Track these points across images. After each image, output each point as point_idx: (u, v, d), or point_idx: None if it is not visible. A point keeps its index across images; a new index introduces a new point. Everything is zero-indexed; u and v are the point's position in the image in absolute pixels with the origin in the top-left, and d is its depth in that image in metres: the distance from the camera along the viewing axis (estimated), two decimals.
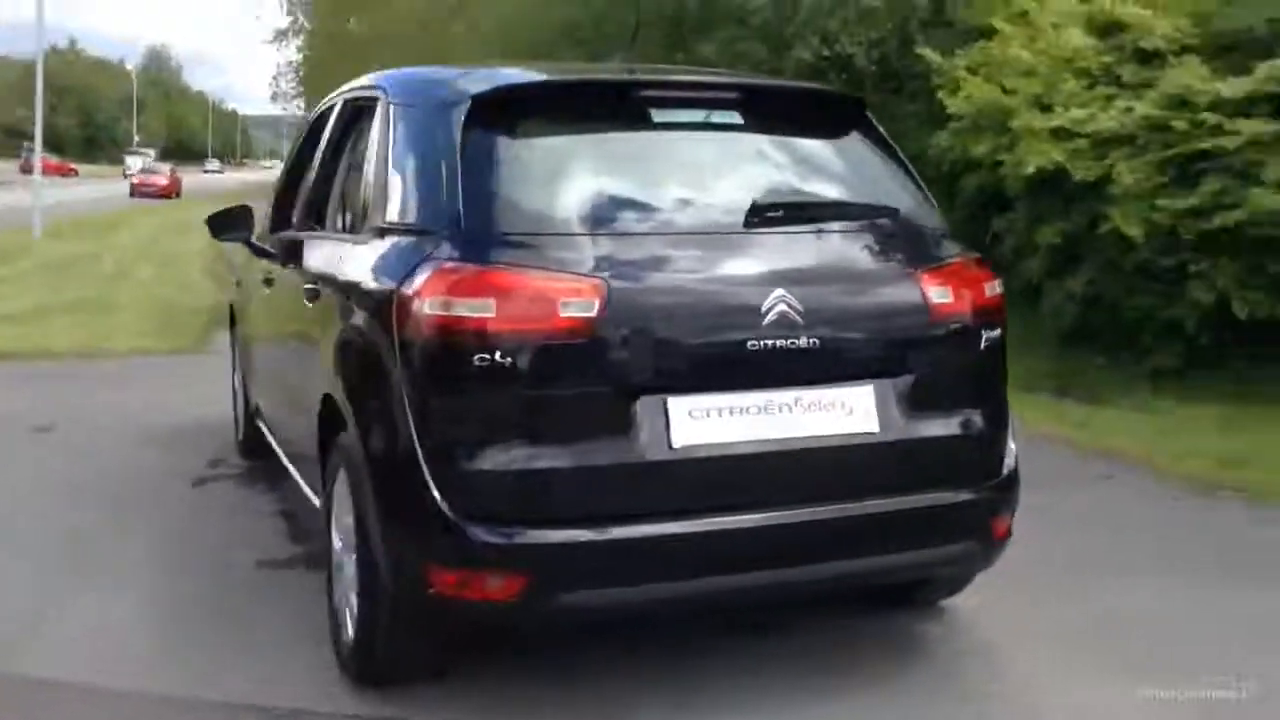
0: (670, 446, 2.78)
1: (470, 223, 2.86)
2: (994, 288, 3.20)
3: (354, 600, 3.12)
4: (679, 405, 2.80)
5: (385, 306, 2.91)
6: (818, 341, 2.88)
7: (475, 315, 2.73)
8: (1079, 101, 7.76)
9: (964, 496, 3.05)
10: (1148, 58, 7.88)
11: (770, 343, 2.85)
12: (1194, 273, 6.67)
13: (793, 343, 2.86)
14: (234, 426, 5.90)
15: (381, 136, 3.41)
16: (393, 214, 3.19)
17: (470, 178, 2.93)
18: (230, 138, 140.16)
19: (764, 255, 2.98)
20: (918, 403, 3.00)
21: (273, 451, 5.04)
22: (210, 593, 3.93)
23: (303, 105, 42.46)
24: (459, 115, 3.04)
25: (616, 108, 3.15)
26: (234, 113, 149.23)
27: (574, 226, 2.90)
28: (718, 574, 2.85)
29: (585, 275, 2.78)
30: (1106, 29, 8.64)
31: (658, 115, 3.15)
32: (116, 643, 3.53)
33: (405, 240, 3.06)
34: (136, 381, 7.86)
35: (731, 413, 2.84)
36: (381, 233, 3.20)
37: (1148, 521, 4.85)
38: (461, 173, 2.94)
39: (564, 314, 2.74)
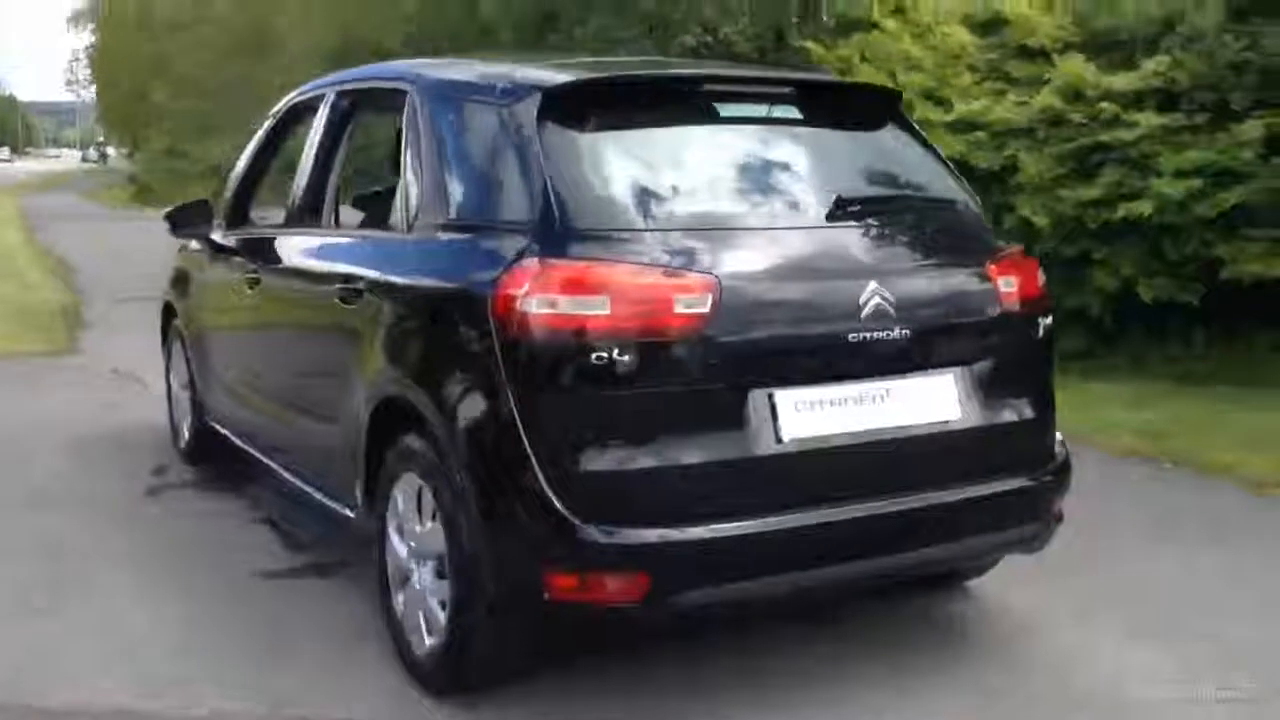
0: (779, 440, 2.81)
1: (564, 218, 2.82)
2: (1042, 277, 3.34)
3: (437, 609, 3.04)
4: (786, 399, 2.83)
5: (476, 306, 2.84)
6: (907, 332, 2.96)
7: (589, 313, 2.70)
8: (973, 95, 8.09)
9: (1032, 480, 3.18)
10: (1032, 54, 8.28)
11: (867, 334, 2.91)
12: (1098, 260, 7.07)
13: (886, 334, 2.93)
14: (172, 433, 5.62)
15: (425, 130, 3.32)
16: (458, 211, 3.12)
17: (555, 172, 2.89)
18: (9, 124, 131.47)
19: (854, 248, 3.04)
20: (989, 390, 3.11)
21: (231, 457, 4.90)
22: (221, 608, 3.75)
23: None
24: (530, 109, 2.99)
25: (683, 103, 3.15)
26: (12, 99, 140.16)
27: (666, 222, 2.89)
28: (827, 565, 2.90)
29: (697, 271, 2.78)
30: (986, 25, 9.08)
31: (724, 110, 3.16)
32: (143, 664, 3.34)
33: (484, 237, 2.99)
34: (12, 387, 7.38)
35: (833, 404, 2.89)
36: (444, 230, 3.12)
37: (1101, 491, 5.13)
38: (546, 167, 2.89)
39: (678, 310, 2.73)
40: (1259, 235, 6.48)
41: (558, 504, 2.71)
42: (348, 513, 3.62)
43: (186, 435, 5.40)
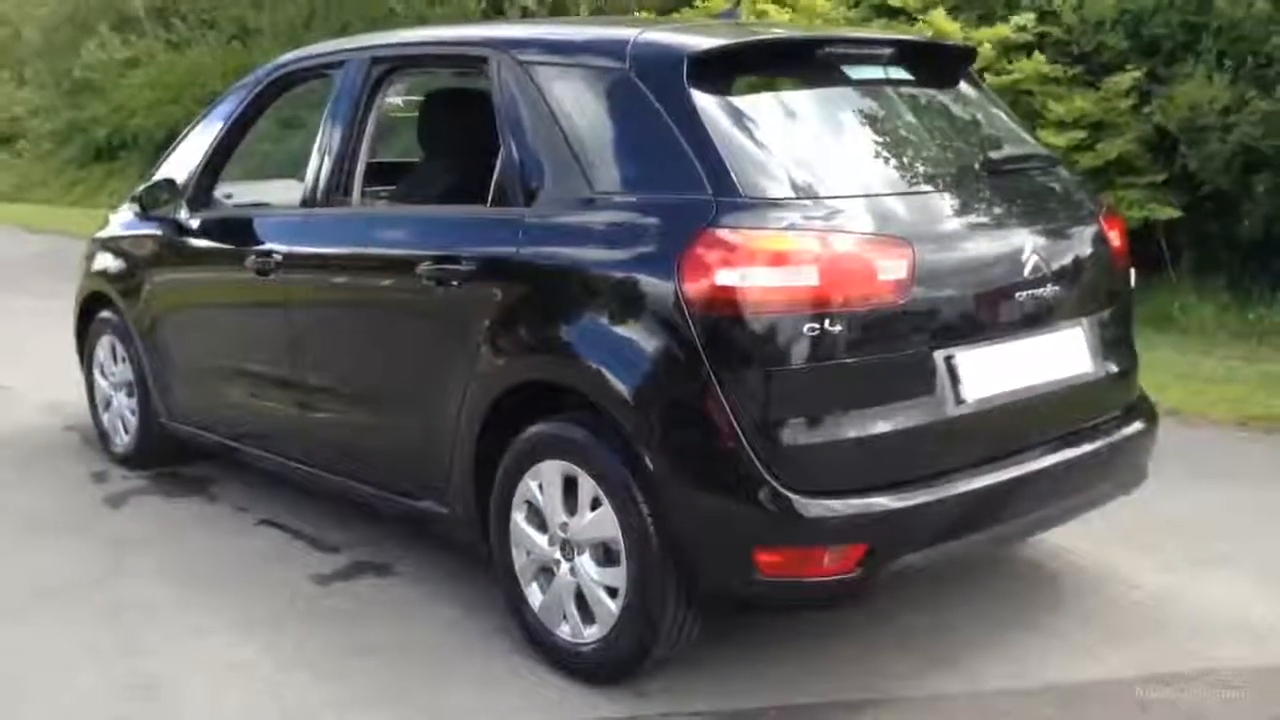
0: (961, 400, 2.84)
1: (744, 186, 2.74)
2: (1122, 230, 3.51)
3: (603, 599, 2.92)
4: (965, 359, 2.87)
5: (657, 280, 2.74)
6: (1056, 288, 3.06)
7: (797, 284, 2.64)
8: None
9: (1141, 426, 3.34)
10: (894, 13, 8.58)
11: (1028, 291, 2.98)
12: None
13: (1041, 290, 3.01)
14: (101, 438, 5.11)
15: (531, 99, 3.15)
16: (603, 183, 2.97)
17: (722, 139, 2.81)
18: None
19: (1006, 206, 3.10)
20: (1104, 341, 3.24)
21: (179, 458, 4.68)
22: (298, 620, 3.46)
23: None
24: (678, 75, 2.89)
25: (816, 66, 3.11)
26: None
27: (840, 187, 2.85)
28: (1017, 517, 2.97)
29: (894, 236, 2.76)
30: None
31: (852, 72, 3.15)
32: (265, 691, 3.06)
33: (649, 209, 2.86)
34: None
35: (1002, 362, 2.95)
36: (589, 204, 2.97)
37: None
38: (713, 134, 2.81)
39: (882, 277, 2.71)
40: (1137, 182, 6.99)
41: (772, 480, 2.65)
42: (438, 508, 3.41)
43: (126, 438, 4.92)
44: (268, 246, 3.90)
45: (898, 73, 3.26)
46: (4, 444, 5.34)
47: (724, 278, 2.65)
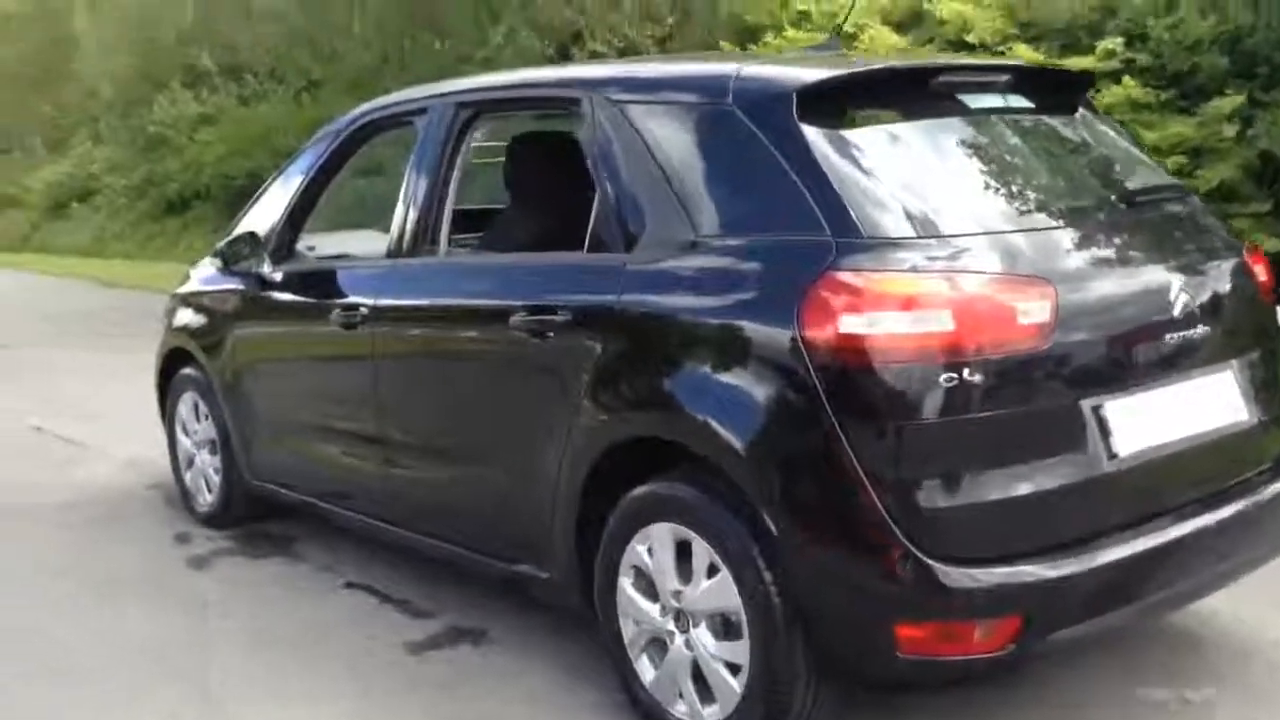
0: (1113, 455, 2.60)
1: (865, 226, 2.55)
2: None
3: (723, 675, 2.71)
4: (1115, 409, 2.63)
5: (775, 328, 2.55)
6: (1205, 327, 2.81)
7: (932, 330, 2.44)
8: None
9: None
10: (970, 48, 8.37)
11: (1178, 332, 2.75)
12: None
13: (1190, 331, 2.77)
14: (183, 496, 5.00)
15: (627, 141, 3.00)
16: (708, 226, 2.80)
17: (838, 176, 2.62)
18: None
19: (1146, 242, 2.88)
20: (1257, 384, 2.99)
21: (265, 517, 4.54)
22: (389, 690, 3.29)
23: None
24: (785, 110, 2.72)
25: (929, 96, 2.92)
26: None
27: (968, 224, 2.65)
28: (1174, 583, 2.72)
29: (1033, 275, 2.55)
30: (902, 24, 9.16)
31: (968, 101, 2.96)
32: None
33: (760, 253, 2.68)
34: None
35: (1157, 410, 2.71)
36: (694, 248, 2.79)
37: None
38: (827, 172, 2.62)
39: (1022, 320, 2.50)
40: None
41: (911, 547, 2.43)
42: (537, 572, 3.23)
43: (209, 498, 4.81)
44: (353, 299, 3.77)
45: (1015, 100, 3.07)
46: (85, 503, 5.26)
47: (849, 324, 2.45)
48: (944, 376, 2.43)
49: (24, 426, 6.91)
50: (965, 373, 2.43)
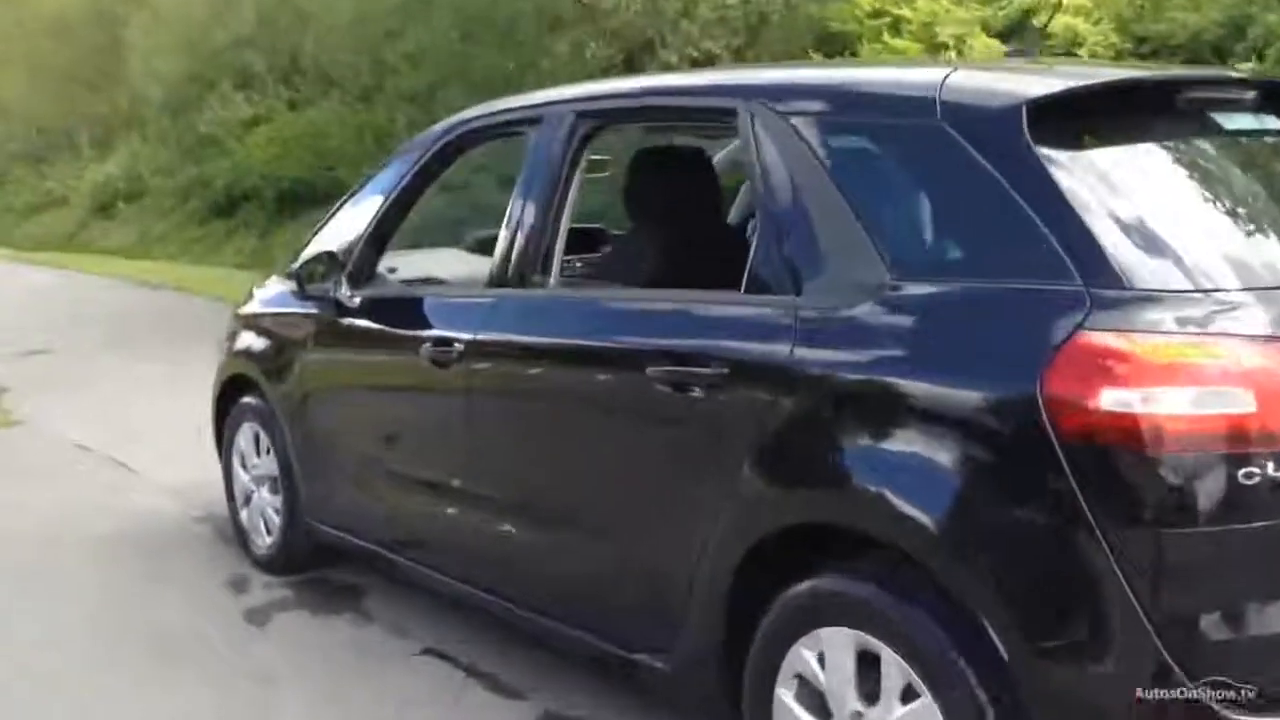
0: None
1: (1127, 276, 2.03)
2: None
3: None
4: None
5: (1007, 399, 2.06)
6: None
7: (1228, 411, 1.92)
8: None
9: None
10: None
11: None
12: None
13: None
14: (238, 533, 4.54)
15: (800, 161, 2.49)
16: (907, 267, 2.30)
17: (1086, 210, 2.11)
18: None
19: None
20: None
21: (327, 562, 4.09)
22: None
23: None
24: (1016, 128, 2.20)
25: (1177, 115, 2.40)
26: None
27: (1247, 274, 2.12)
28: None
29: None
30: (1003, 35, 8.64)
31: (1225, 121, 2.43)
32: None
33: (981, 303, 2.17)
34: None
35: None
36: (890, 293, 2.28)
37: None
38: (1072, 204, 2.11)
39: None
40: None
41: (1192, 686, 1.92)
42: (659, 665, 2.73)
43: (268, 540, 4.34)
44: (447, 333, 3.28)
45: (1271, 121, 2.54)
46: (130, 538, 4.81)
47: (1117, 399, 1.94)
48: (1243, 471, 1.91)
49: (67, 443, 6.50)
50: (1270, 467, 1.91)
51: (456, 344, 3.22)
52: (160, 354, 9.03)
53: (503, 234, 3.21)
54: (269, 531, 4.33)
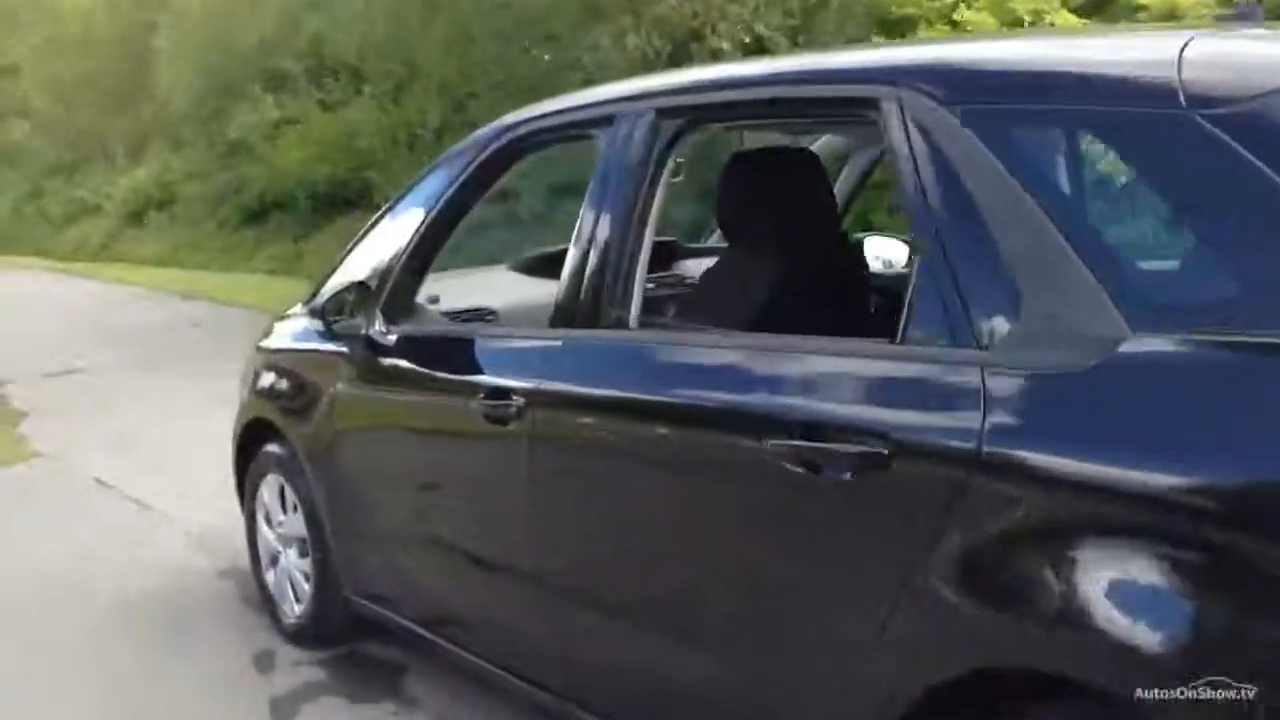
0: None
1: None
2: None
3: None
4: None
5: None
6: None
7: None
8: None
9: None
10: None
11: None
12: None
13: None
14: (265, 599, 3.99)
15: (996, 167, 1.87)
16: (1176, 312, 1.70)
17: None
18: None
19: None
20: None
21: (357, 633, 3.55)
22: None
23: None
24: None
25: None
26: None
27: None
28: None
29: None
30: (1082, 9, 7.98)
31: None
32: None
33: (1268, 366, 1.56)
34: None
35: None
36: (1145, 351, 1.66)
37: None
38: None
39: None
40: None
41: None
42: None
43: (297, 609, 3.78)
44: (505, 382, 2.70)
45: None
46: (146, 598, 4.28)
47: None
48: None
49: (85, 478, 6.00)
50: None
51: (515, 396, 2.63)
52: (188, 369, 8.58)
53: (570, 261, 2.62)
54: (298, 599, 3.78)
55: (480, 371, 2.85)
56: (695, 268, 3.74)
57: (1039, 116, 1.92)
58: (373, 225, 3.48)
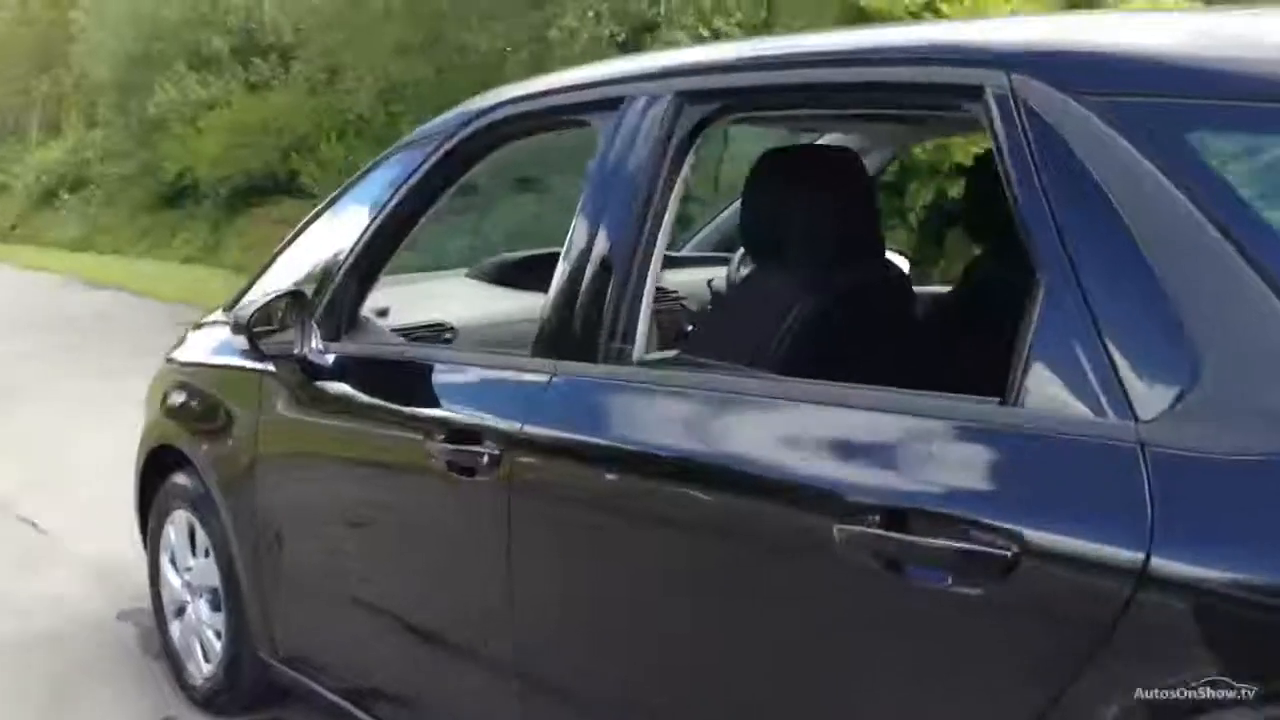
0: None
1: None
2: None
3: None
4: None
5: None
6: None
7: None
8: None
9: None
10: None
11: None
12: None
13: None
14: (169, 657, 3.40)
15: (1155, 177, 1.41)
16: None
17: None
18: None
19: None
20: None
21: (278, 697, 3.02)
22: None
23: None
24: None
25: None
26: None
27: None
28: None
29: None
30: None
31: None
32: None
33: None
34: None
35: None
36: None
37: None
38: None
39: None
40: None
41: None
42: None
43: (206, 668, 3.21)
44: (475, 422, 2.18)
45: None
46: (20, 649, 3.65)
47: None
48: None
49: None
50: None
51: (488, 441, 2.11)
52: (98, 366, 7.93)
53: (560, 275, 2.11)
54: (207, 658, 3.20)
55: (441, 405, 2.32)
56: (683, 281, 3.24)
57: (1215, 114, 1.45)
58: (309, 222, 2.92)
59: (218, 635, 3.15)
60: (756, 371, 1.89)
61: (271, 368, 2.74)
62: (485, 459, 2.10)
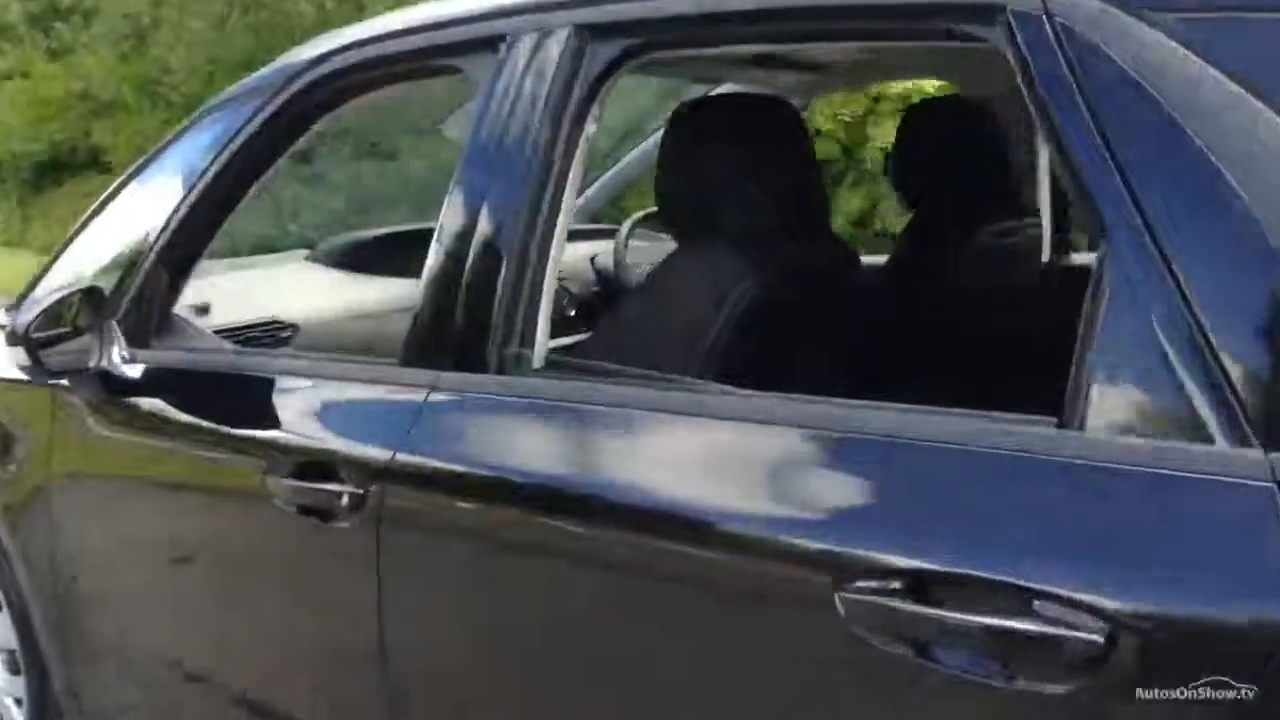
0: None
1: None
2: None
3: None
4: None
5: None
6: None
7: None
8: None
9: None
10: None
11: None
12: None
13: None
14: None
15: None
16: None
17: None
18: None
19: None
20: None
21: None
22: None
23: None
24: None
25: None
26: None
27: None
28: None
29: None
30: None
31: None
32: None
33: None
34: None
35: None
36: None
37: None
38: None
39: None
40: None
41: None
42: None
43: None
44: (330, 453, 1.71)
45: None
46: None
47: None
48: None
49: None
50: None
51: (348, 476, 1.65)
52: None
53: (432, 263, 1.66)
54: None
55: (282, 429, 1.84)
56: (572, 264, 2.79)
57: None
58: (107, 200, 2.36)
59: (18, 703, 2.60)
60: (698, 382, 1.47)
61: (64, 381, 2.19)
62: (345, 500, 1.64)
